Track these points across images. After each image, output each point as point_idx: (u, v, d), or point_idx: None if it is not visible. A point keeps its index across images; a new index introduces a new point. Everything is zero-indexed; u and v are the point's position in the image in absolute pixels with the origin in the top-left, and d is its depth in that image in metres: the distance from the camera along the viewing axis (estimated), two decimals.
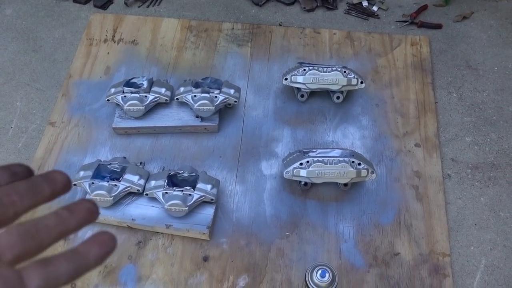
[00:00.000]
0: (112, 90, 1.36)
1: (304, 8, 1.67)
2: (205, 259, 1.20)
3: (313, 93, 1.43)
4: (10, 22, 1.68)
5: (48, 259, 0.27)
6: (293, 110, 1.45)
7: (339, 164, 1.20)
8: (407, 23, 1.63)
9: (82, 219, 0.30)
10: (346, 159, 1.21)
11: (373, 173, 1.22)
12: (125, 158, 1.31)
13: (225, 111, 1.42)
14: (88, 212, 0.30)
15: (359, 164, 1.21)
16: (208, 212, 1.22)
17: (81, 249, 0.28)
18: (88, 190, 1.20)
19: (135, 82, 1.38)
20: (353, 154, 1.25)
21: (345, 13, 1.67)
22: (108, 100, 1.36)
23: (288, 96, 1.47)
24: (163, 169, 1.33)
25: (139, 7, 1.71)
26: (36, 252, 0.27)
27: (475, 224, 1.27)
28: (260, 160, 1.36)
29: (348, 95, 1.45)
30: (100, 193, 1.18)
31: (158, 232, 1.23)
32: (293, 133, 1.41)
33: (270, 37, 1.60)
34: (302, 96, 1.43)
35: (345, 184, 1.27)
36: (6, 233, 0.26)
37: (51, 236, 0.28)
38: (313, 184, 1.28)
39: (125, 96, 1.34)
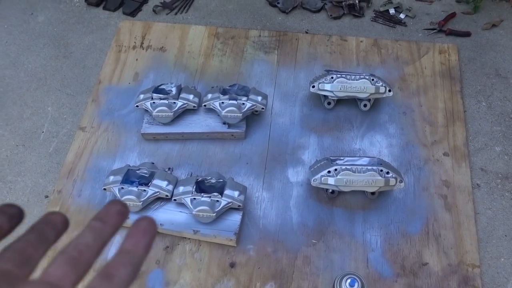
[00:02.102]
0: (141, 96, 1.38)
1: (331, 15, 1.67)
2: (232, 265, 1.20)
3: (339, 101, 1.43)
4: (42, 29, 1.73)
5: (108, 272, 0.27)
6: (319, 118, 1.45)
7: (367, 173, 1.19)
8: (435, 31, 1.62)
9: (116, 224, 0.31)
10: (374, 167, 1.20)
11: (402, 182, 1.21)
12: (153, 163, 1.33)
13: (252, 118, 1.43)
14: (119, 214, 0.31)
15: (387, 172, 1.20)
16: (235, 218, 1.23)
17: (129, 247, 0.29)
18: (118, 195, 1.21)
19: (163, 89, 1.40)
20: (381, 162, 1.24)
21: (372, 20, 1.67)
22: (137, 106, 1.38)
23: (314, 104, 1.47)
24: (191, 175, 1.34)
25: (167, 14, 1.74)
26: (87, 271, 0.28)
27: (505, 235, 1.25)
28: (287, 167, 1.36)
29: (375, 103, 1.44)
30: (129, 198, 1.20)
31: (185, 238, 1.24)
32: (319, 141, 1.41)
33: (297, 44, 1.61)
34: (329, 103, 1.43)
35: (373, 193, 1.27)
36: (55, 266, 0.27)
37: (93, 252, 0.29)
38: (340, 192, 1.28)
39: (154, 102, 1.36)
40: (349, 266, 1.19)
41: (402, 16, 1.67)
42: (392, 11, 1.67)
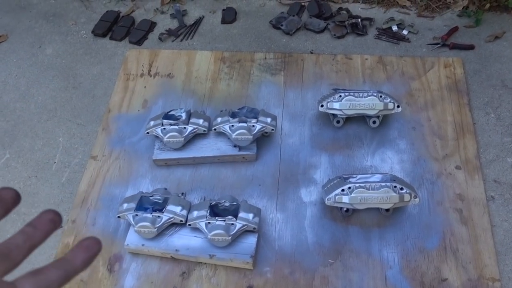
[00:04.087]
0: (151, 123, 1.40)
1: (334, 35, 1.69)
2: None
3: (348, 119, 1.44)
4: (50, 61, 1.75)
5: (39, 269, 0.30)
6: (329, 136, 1.45)
7: (382, 190, 1.19)
8: (438, 45, 1.64)
9: (47, 230, 0.33)
10: (388, 184, 1.20)
11: (416, 197, 1.21)
12: (166, 189, 1.33)
13: (262, 140, 1.44)
14: (51, 222, 0.33)
15: (401, 188, 1.20)
16: (250, 241, 1.23)
17: (68, 256, 0.32)
18: (132, 222, 1.22)
19: (173, 114, 1.41)
20: (394, 178, 1.24)
21: (375, 38, 1.69)
22: (147, 132, 1.39)
23: (323, 123, 1.48)
24: (204, 199, 1.35)
25: (172, 41, 1.77)
26: (13, 267, 0.30)
27: None
28: (299, 187, 1.36)
29: (384, 119, 1.45)
30: (144, 224, 1.20)
31: (201, 263, 1.23)
32: (330, 159, 1.41)
33: (302, 64, 1.63)
34: (338, 122, 1.44)
35: (387, 209, 1.26)
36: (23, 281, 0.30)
37: (22, 252, 0.31)
38: (354, 210, 1.27)
39: (164, 128, 1.37)
40: (368, 285, 1.18)
41: (405, 32, 1.69)
42: (394, 28, 1.70)
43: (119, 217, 1.25)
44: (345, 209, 1.26)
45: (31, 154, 1.51)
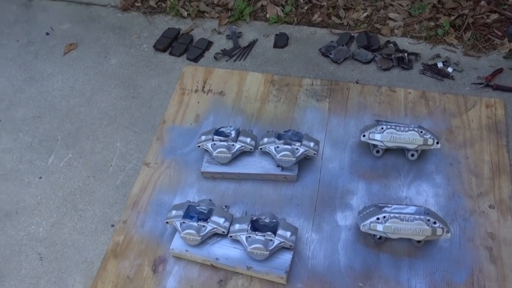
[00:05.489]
0: (203, 137, 1.51)
1: (380, 67, 1.77)
2: None
3: (388, 149, 1.51)
4: (114, 71, 1.91)
5: None
6: (368, 165, 1.52)
7: (415, 222, 1.25)
8: (482, 85, 1.68)
9: None
10: (422, 216, 1.26)
11: (448, 232, 1.26)
12: (211, 200, 1.44)
13: (303, 162, 1.52)
14: None
15: (435, 222, 1.26)
16: (286, 257, 1.31)
17: None
18: (179, 229, 1.32)
19: (223, 131, 1.52)
20: (428, 212, 1.30)
21: (420, 73, 1.75)
22: (198, 146, 1.51)
23: (363, 151, 1.55)
24: (246, 213, 1.44)
25: (226, 61, 1.88)
26: None
27: None
28: (336, 211, 1.44)
29: (422, 153, 1.51)
30: (190, 232, 1.31)
31: (238, 273, 1.32)
32: (367, 187, 1.48)
33: (347, 93, 1.71)
34: (377, 152, 1.51)
35: (419, 241, 1.32)
36: None
37: None
38: (387, 238, 1.34)
39: (214, 144, 1.48)
40: None
41: (450, 69, 1.74)
42: (440, 64, 1.75)
43: (167, 222, 1.36)
44: (378, 236, 1.33)
45: (91, 156, 1.65)
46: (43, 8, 2.20)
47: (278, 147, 1.45)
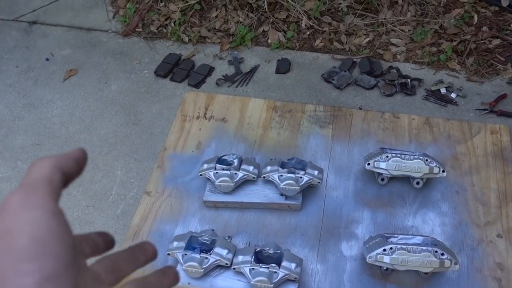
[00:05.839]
0: (205, 166, 1.49)
1: (384, 93, 1.76)
2: None
3: (392, 177, 1.48)
4: (114, 97, 1.90)
5: (142, 278, 0.37)
6: (373, 193, 1.50)
7: (423, 253, 1.22)
8: (486, 111, 1.68)
9: (149, 257, 0.40)
10: (429, 248, 1.23)
11: (456, 264, 1.23)
12: (213, 230, 1.41)
13: (307, 190, 1.50)
14: (152, 252, 0.41)
15: (443, 254, 1.23)
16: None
17: (152, 277, 0.39)
18: (181, 261, 1.29)
19: (225, 159, 1.50)
20: (435, 243, 1.27)
21: (423, 99, 1.75)
22: (200, 174, 1.48)
23: (368, 178, 1.53)
24: (249, 243, 1.41)
25: (228, 87, 1.88)
26: (122, 277, 0.36)
27: None
28: (341, 240, 1.41)
29: (428, 181, 1.49)
30: (192, 264, 1.27)
31: None
32: (373, 216, 1.45)
33: (351, 119, 1.70)
34: (382, 179, 1.49)
35: (426, 272, 1.29)
36: (99, 263, 0.35)
37: (129, 267, 0.37)
38: (393, 270, 1.31)
39: (217, 172, 1.46)
40: None
41: (453, 95, 1.73)
42: (443, 90, 1.75)
43: (168, 254, 1.33)
44: (385, 268, 1.30)
45: (90, 184, 1.62)
46: (44, 33, 2.20)
47: (281, 175, 1.42)
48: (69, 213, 1.56)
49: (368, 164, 1.44)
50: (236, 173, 1.46)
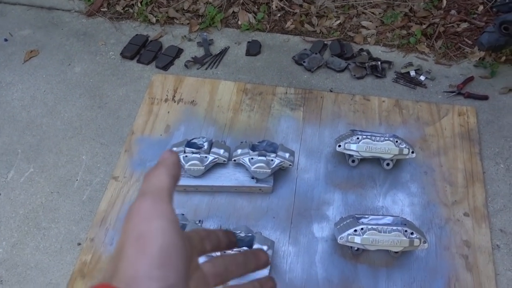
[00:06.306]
0: (174, 149, 1.45)
1: (354, 75, 1.76)
2: None
3: (363, 159, 1.49)
4: (78, 79, 1.82)
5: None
6: (343, 175, 1.50)
7: (393, 233, 1.24)
8: (454, 93, 1.70)
9: (259, 266, 0.40)
10: (399, 228, 1.24)
11: (425, 242, 1.25)
12: (183, 215, 1.38)
13: (278, 173, 1.49)
14: (265, 262, 0.41)
15: (412, 233, 1.24)
16: (263, 272, 1.26)
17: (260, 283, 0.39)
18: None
19: (195, 143, 1.47)
20: (405, 222, 1.28)
21: (393, 81, 1.75)
22: None
23: (339, 160, 1.53)
24: (220, 227, 1.39)
25: (197, 69, 1.83)
26: (227, 281, 0.37)
27: None
28: (312, 222, 1.40)
29: (397, 162, 1.50)
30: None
31: None
32: (343, 197, 1.46)
33: (322, 102, 1.69)
34: (353, 161, 1.49)
35: (396, 251, 1.30)
36: (211, 264, 0.36)
37: (238, 273, 0.38)
38: (364, 250, 1.31)
39: (186, 156, 1.42)
40: None
41: (422, 78, 1.75)
42: (412, 73, 1.76)
43: None
44: (355, 247, 1.31)
45: (54, 170, 1.56)
46: (1, 12, 2.09)
47: (252, 158, 1.40)
48: (32, 200, 1.50)
49: (339, 146, 1.44)
50: (206, 157, 1.43)
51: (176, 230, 0.31)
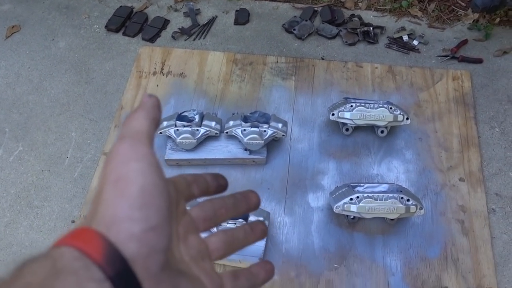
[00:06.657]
0: (165, 123, 1.42)
1: (346, 42, 1.72)
2: None
3: (357, 127, 1.47)
4: (63, 55, 1.77)
5: (237, 274, 0.36)
6: (338, 143, 1.48)
7: (389, 200, 1.23)
8: (447, 57, 1.67)
9: (258, 237, 0.39)
10: (395, 195, 1.24)
11: (422, 209, 1.25)
12: None
13: (271, 144, 1.47)
14: (262, 232, 0.39)
15: (408, 200, 1.24)
16: (259, 243, 1.26)
17: (253, 271, 0.37)
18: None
19: (186, 116, 1.44)
20: (400, 189, 1.28)
21: (385, 47, 1.72)
22: (160, 133, 1.42)
23: (332, 129, 1.51)
24: None
25: (185, 40, 1.78)
26: (230, 254, 0.37)
27: None
28: (307, 192, 1.40)
29: (392, 129, 1.48)
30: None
31: None
32: (338, 166, 1.44)
33: (313, 70, 1.65)
34: (347, 130, 1.47)
35: (392, 219, 1.30)
36: (214, 238, 0.36)
37: (240, 246, 0.37)
38: (360, 218, 1.31)
39: (177, 130, 1.40)
40: None
41: (415, 42, 1.71)
42: (405, 37, 1.72)
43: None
44: (351, 216, 1.30)
45: (44, 148, 1.53)
46: None
47: (245, 130, 1.38)
48: (23, 179, 1.47)
49: (333, 114, 1.41)
50: (197, 130, 1.40)
51: (157, 172, 0.30)
